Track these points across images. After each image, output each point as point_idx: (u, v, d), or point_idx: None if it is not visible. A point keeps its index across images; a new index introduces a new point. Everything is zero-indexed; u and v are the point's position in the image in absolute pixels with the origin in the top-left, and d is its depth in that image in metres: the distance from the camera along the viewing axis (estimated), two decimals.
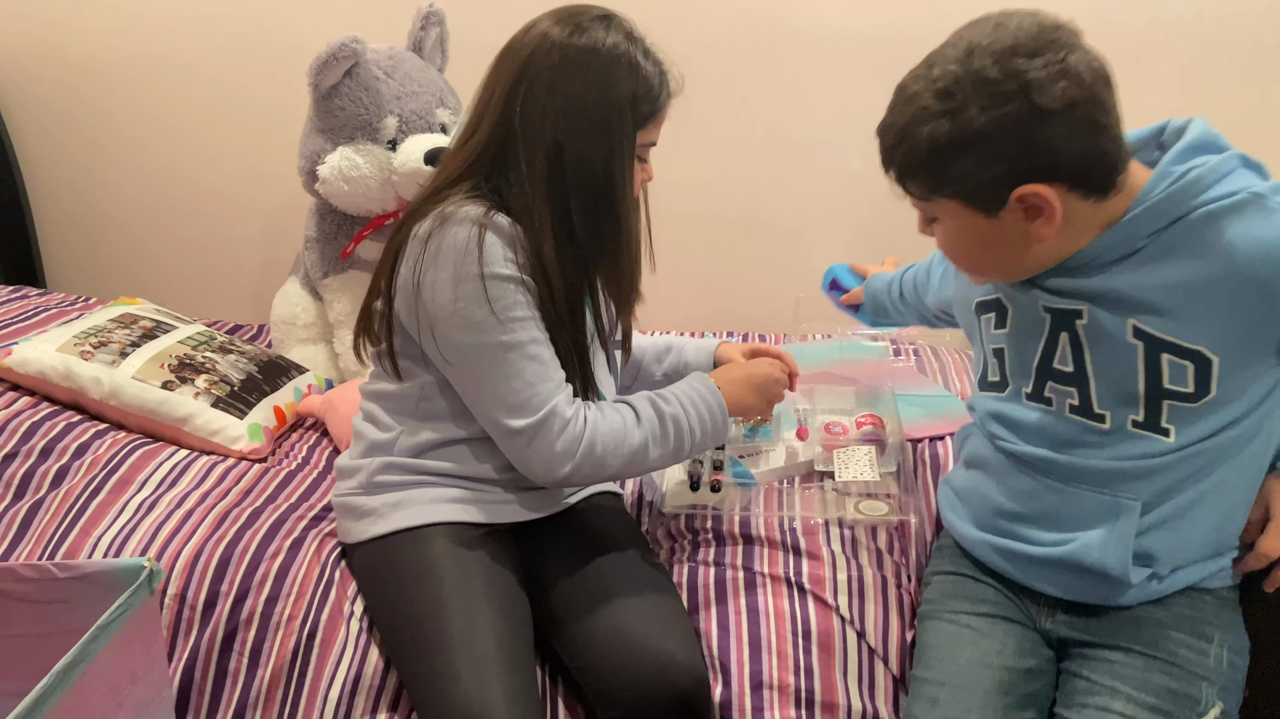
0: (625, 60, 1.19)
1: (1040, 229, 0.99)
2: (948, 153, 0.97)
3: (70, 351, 1.67)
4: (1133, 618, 1.10)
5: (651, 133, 1.25)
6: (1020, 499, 1.15)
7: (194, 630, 1.28)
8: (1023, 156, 0.96)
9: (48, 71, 2.48)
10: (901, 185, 1.06)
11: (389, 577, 1.25)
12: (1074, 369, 1.08)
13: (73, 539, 1.38)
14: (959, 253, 1.10)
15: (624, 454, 1.21)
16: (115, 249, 2.66)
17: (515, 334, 1.18)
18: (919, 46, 2.00)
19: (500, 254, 1.17)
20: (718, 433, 1.27)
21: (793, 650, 1.26)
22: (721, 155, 2.37)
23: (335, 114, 1.86)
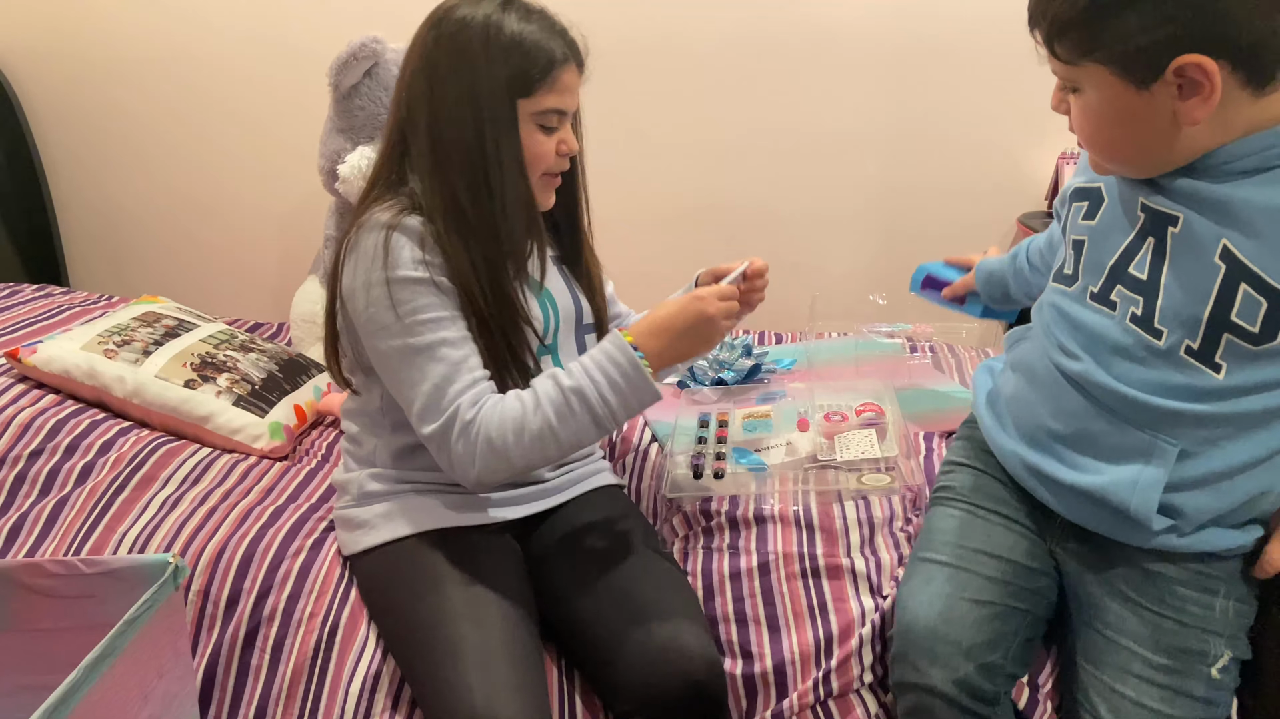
0: (494, 28, 1.18)
1: (1193, 109, 0.92)
2: (1113, 7, 0.91)
3: (94, 350, 1.69)
4: (1142, 571, 1.10)
5: (545, 99, 1.20)
6: (1064, 419, 1.12)
7: (217, 627, 1.30)
8: (1194, 21, 0.88)
9: (71, 72, 2.51)
10: (1048, 46, 0.98)
11: (387, 586, 1.26)
12: (1147, 277, 1.03)
13: (98, 535, 1.40)
14: (1095, 129, 1.01)
15: (527, 442, 1.15)
16: (137, 248, 2.69)
17: (421, 336, 1.17)
18: (936, 50, 2.02)
19: (407, 257, 1.17)
20: (639, 392, 1.16)
21: (811, 627, 1.26)
22: (737, 155, 2.38)
23: (355, 113, 1.88)
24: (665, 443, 1.61)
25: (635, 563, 1.27)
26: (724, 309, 1.18)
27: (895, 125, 2.32)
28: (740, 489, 1.41)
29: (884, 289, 2.31)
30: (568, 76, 1.22)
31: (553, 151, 1.23)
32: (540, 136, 1.22)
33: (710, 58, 2.29)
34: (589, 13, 2.25)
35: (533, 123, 1.21)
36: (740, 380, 1.80)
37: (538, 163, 1.23)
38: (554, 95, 1.21)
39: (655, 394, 1.17)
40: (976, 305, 1.58)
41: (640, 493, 1.54)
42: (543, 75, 1.19)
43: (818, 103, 2.31)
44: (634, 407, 1.17)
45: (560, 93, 1.21)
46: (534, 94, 1.20)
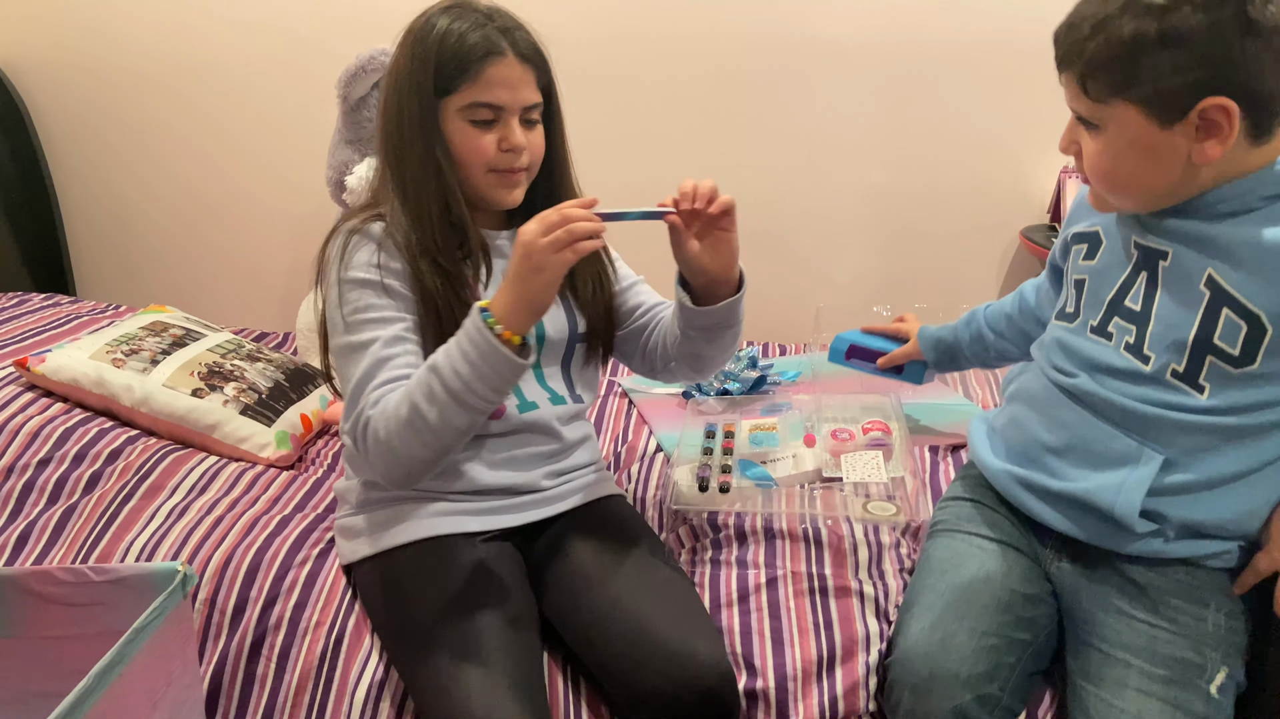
0: (424, 29, 1.20)
1: (1209, 150, 0.99)
2: (1149, 49, 0.96)
3: (102, 359, 1.70)
4: (1133, 583, 1.13)
5: (469, 93, 1.19)
6: (1057, 429, 1.18)
7: (223, 635, 1.30)
8: (1222, 67, 0.95)
9: (78, 82, 2.53)
10: (1080, 85, 1.03)
11: (385, 595, 1.27)
12: (1141, 308, 1.11)
13: (105, 544, 1.40)
14: (1112, 166, 1.06)
15: (399, 427, 1.12)
16: (144, 257, 2.70)
17: (358, 334, 1.19)
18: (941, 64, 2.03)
19: (363, 259, 1.20)
20: (489, 359, 1.09)
21: (815, 642, 1.26)
22: (742, 167, 2.39)
23: (363, 125, 1.89)
24: (671, 453, 1.62)
25: (644, 572, 1.26)
26: (537, 229, 1.08)
27: (900, 138, 2.33)
28: (747, 504, 1.41)
29: (888, 301, 2.32)
30: (497, 70, 1.19)
31: (491, 147, 1.21)
32: (472, 131, 1.20)
33: (715, 70, 2.31)
34: (596, 24, 2.27)
35: (462, 118, 1.20)
36: (745, 391, 1.81)
37: (473, 158, 1.22)
38: (479, 89, 1.19)
39: (505, 358, 1.09)
40: (918, 372, 1.62)
41: (646, 502, 1.54)
42: (463, 70, 1.18)
43: (823, 115, 2.32)
44: (489, 375, 1.10)
45: (487, 86, 1.19)
46: (458, 89, 1.19)
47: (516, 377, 1.12)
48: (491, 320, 1.09)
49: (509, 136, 1.21)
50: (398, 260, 1.21)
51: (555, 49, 1.27)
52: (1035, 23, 2.11)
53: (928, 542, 1.30)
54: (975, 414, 1.69)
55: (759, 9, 2.23)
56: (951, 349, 1.57)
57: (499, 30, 1.19)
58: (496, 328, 1.09)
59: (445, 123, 1.21)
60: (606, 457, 1.68)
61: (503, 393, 1.13)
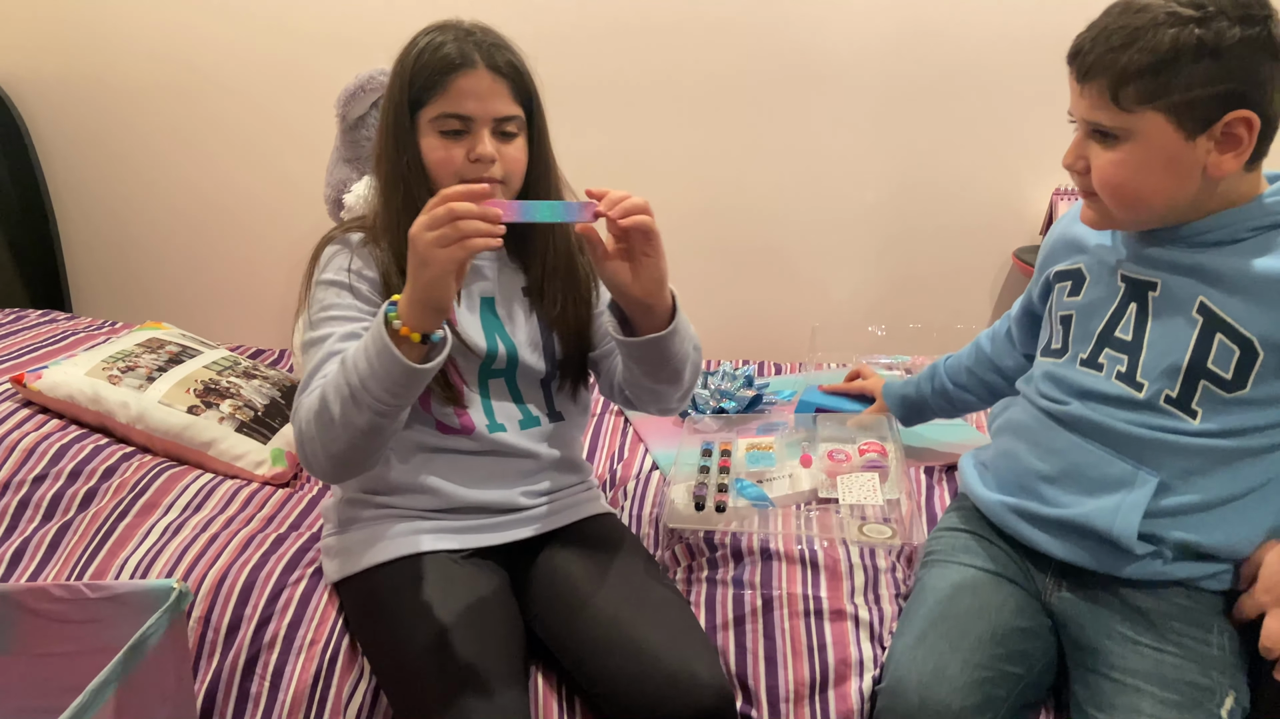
0: (409, 45, 1.23)
1: (1225, 163, 1.03)
2: (1186, 59, 0.99)
3: (99, 376, 1.70)
4: (1135, 609, 1.13)
5: (438, 104, 1.20)
6: (1050, 457, 1.19)
7: (217, 653, 1.30)
8: (1248, 82, 1.00)
9: (77, 98, 2.54)
10: (1111, 93, 1.04)
11: (366, 613, 1.27)
12: (1132, 338, 1.14)
13: (100, 561, 1.40)
14: (1130, 176, 1.07)
15: (312, 419, 1.12)
16: (141, 274, 2.70)
17: (320, 329, 1.21)
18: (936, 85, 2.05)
19: (338, 263, 1.24)
20: (381, 354, 1.05)
21: (809, 665, 1.26)
22: (739, 186, 2.40)
23: (361, 144, 1.90)
24: (667, 471, 1.62)
25: (639, 591, 1.26)
26: (423, 222, 1.02)
27: (895, 160, 2.34)
28: (743, 524, 1.42)
29: (883, 320, 2.33)
30: (466, 81, 1.20)
31: (459, 157, 1.21)
32: (439, 142, 1.21)
33: (714, 90, 2.32)
34: (598, 43, 2.29)
35: (433, 129, 1.22)
36: (741, 410, 1.81)
37: (441, 169, 1.22)
38: (447, 100, 1.20)
39: (395, 359, 1.04)
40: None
41: (642, 520, 1.54)
42: (434, 81, 1.20)
43: (818, 135, 2.34)
44: (381, 375, 1.06)
45: (454, 97, 1.20)
46: (430, 101, 1.20)
47: (411, 381, 1.07)
48: (393, 315, 1.06)
49: (477, 146, 1.21)
50: (371, 269, 1.24)
51: (554, 65, 1.29)
52: (1029, 46, 2.16)
53: (921, 570, 1.30)
54: (969, 434, 1.71)
55: (757, 30, 2.25)
56: (917, 404, 1.60)
57: (474, 44, 1.21)
58: (395, 323, 1.05)
59: (420, 135, 1.23)
60: (602, 474, 1.68)
61: (399, 396, 1.08)
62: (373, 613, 1.25)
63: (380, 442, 1.14)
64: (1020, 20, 2.16)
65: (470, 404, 1.30)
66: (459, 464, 1.30)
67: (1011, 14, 2.17)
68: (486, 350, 1.29)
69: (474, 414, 1.30)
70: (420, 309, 1.05)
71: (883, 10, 2.20)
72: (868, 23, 2.21)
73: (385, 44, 1.31)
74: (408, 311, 1.05)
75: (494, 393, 1.32)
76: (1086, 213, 1.17)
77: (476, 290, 1.31)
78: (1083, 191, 1.14)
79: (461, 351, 1.28)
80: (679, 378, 1.26)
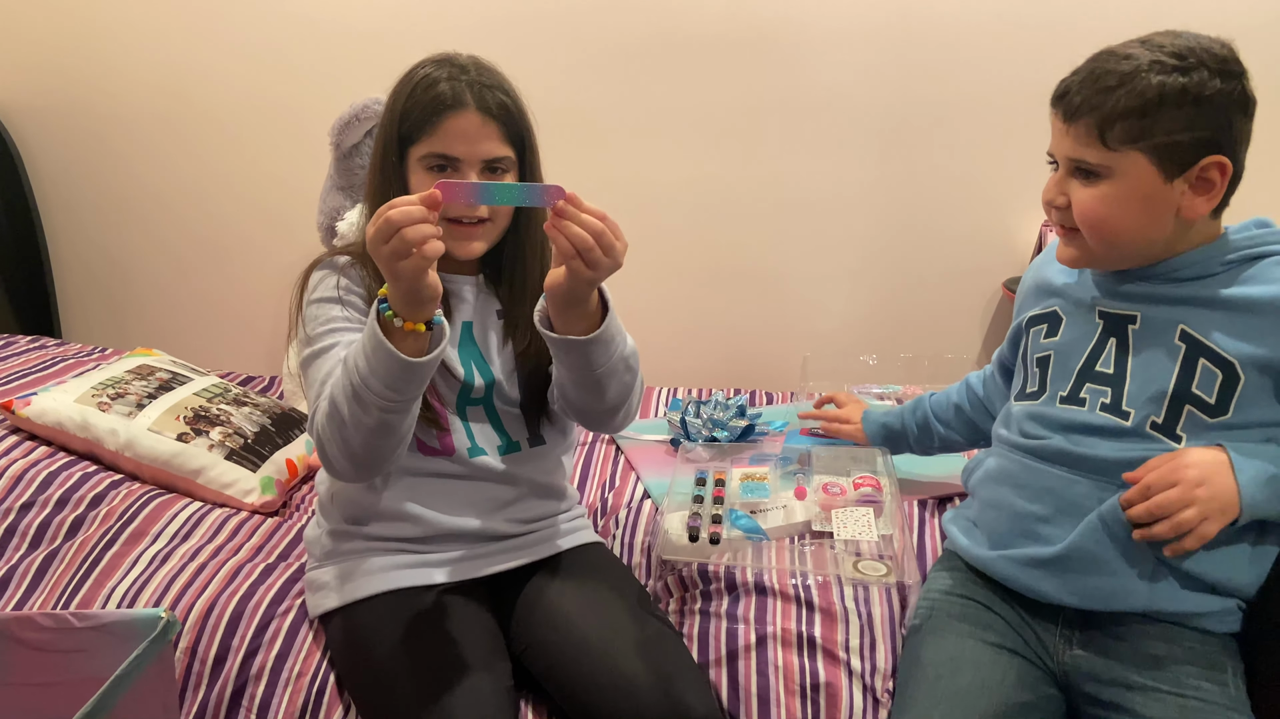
0: (405, 80, 1.24)
1: (1198, 205, 1.10)
2: (1172, 104, 1.06)
3: (88, 403, 1.69)
4: (1150, 657, 1.12)
5: (428, 143, 1.21)
6: (1041, 496, 1.19)
7: (204, 684, 1.28)
8: (1223, 131, 1.07)
9: (70, 125, 2.54)
10: (1099, 131, 1.09)
11: (348, 649, 1.26)
12: (1114, 370, 1.17)
13: (87, 590, 1.39)
14: (1109, 214, 1.12)
15: (325, 421, 1.13)
16: (131, 300, 2.70)
17: (321, 342, 1.22)
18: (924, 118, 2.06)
19: (328, 284, 1.25)
20: (375, 345, 1.06)
21: (801, 704, 1.25)
22: (730, 216, 2.41)
23: (355, 172, 1.91)
24: (660, 501, 1.61)
25: (630, 624, 1.25)
26: (374, 237, 1.01)
27: (885, 191, 2.36)
28: (737, 558, 1.41)
29: (874, 350, 2.34)
30: (455, 122, 1.20)
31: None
32: (427, 180, 1.21)
33: (705, 120, 2.34)
34: (590, 72, 2.30)
35: (422, 166, 1.22)
36: (734, 439, 1.81)
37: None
38: (435, 139, 1.21)
39: (386, 351, 1.05)
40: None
41: (633, 548, 1.53)
42: (423, 119, 1.20)
43: (811, 165, 2.35)
44: (378, 369, 1.07)
45: (443, 137, 1.20)
46: (420, 139, 1.21)
47: (409, 374, 1.07)
48: (386, 311, 1.06)
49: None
50: (359, 287, 1.26)
51: (546, 93, 1.29)
52: (1017, 81, 2.18)
53: (916, 637, 1.25)
54: (958, 464, 1.70)
55: (750, 61, 2.27)
56: (897, 436, 1.61)
57: (468, 84, 1.21)
58: (392, 319, 1.06)
59: (410, 170, 1.24)
60: (593, 503, 1.68)
61: (400, 391, 1.08)
62: (356, 649, 1.24)
63: (396, 439, 1.15)
64: (1009, 55, 2.19)
65: (452, 427, 1.30)
66: (441, 489, 1.30)
67: (1001, 49, 2.19)
68: (464, 380, 1.29)
69: (455, 437, 1.30)
70: (407, 305, 1.06)
71: (875, 42, 2.22)
72: (860, 55, 2.24)
73: (377, 73, 1.32)
74: (399, 308, 1.06)
75: (473, 418, 1.32)
76: (1064, 250, 1.21)
77: (457, 316, 1.31)
78: (1061, 228, 1.19)
79: (443, 375, 1.29)
80: (600, 390, 1.21)
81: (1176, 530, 1.05)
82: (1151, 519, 1.07)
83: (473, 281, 1.34)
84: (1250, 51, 1.11)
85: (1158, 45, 1.08)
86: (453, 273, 1.32)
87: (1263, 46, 1.16)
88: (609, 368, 1.19)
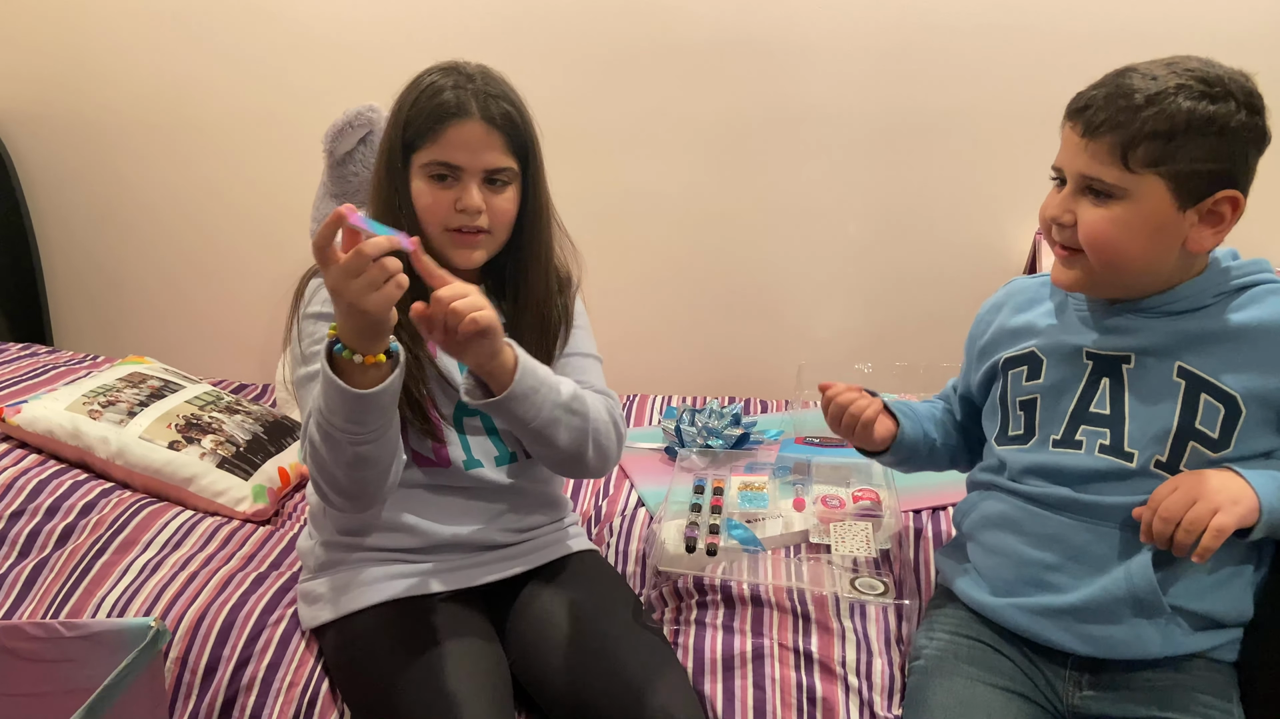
0: (411, 86, 1.23)
1: (1205, 238, 1.08)
2: (1198, 131, 1.03)
3: (79, 410, 1.68)
4: (1161, 688, 1.11)
5: (430, 151, 1.20)
6: (1049, 545, 1.16)
7: (194, 695, 1.27)
8: (1239, 166, 1.06)
9: (63, 132, 2.54)
10: (1120, 150, 1.05)
11: (344, 661, 1.25)
12: (1110, 411, 1.14)
13: (76, 599, 1.38)
14: (1119, 237, 1.08)
15: (311, 460, 1.13)
16: (123, 308, 2.69)
17: (311, 364, 1.19)
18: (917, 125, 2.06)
19: (322, 296, 1.22)
20: (329, 382, 1.04)
21: (797, 718, 1.25)
22: (725, 225, 2.41)
23: (349, 179, 1.90)
24: (655, 509, 1.61)
25: (620, 632, 1.25)
26: (339, 273, 0.98)
27: (880, 199, 2.36)
28: (733, 571, 1.40)
29: (869, 358, 2.34)
30: (459, 131, 1.20)
31: (447, 206, 1.21)
32: (428, 188, 1.21)
33: (699, 131, 2.34)
34: (583, 84, 2.31)
35: (424, 174, 1.22)
36: (728, 448, 1.81)
37: (430, 215, 1.22)
38: (438, 148, 1.20)
39: (337, 387, 1.03)
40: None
41: (627, 556, 1.53)
42: (427, 126, 1.20)
43: (805, 174, 2.35)
44: (335, 404, 1.05)
45: (446, 146, 1.20)
46: (423, 146, 1.21)
47: (366, 406, 1.05)
48: (340, 350, 1.04)
49: (464, 197, 1.21)
50: None
51: (540, 107, 1.29)
52: (1010, 91, 2.18)
53: (922, 679, 1.21)
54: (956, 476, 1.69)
55: (743, 72, 2.27)
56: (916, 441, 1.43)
57: (473, 94, 1.20)
58: (344, 354, 1.03)
59: (412, 178, 1.23)
60: (586, 511, 1.67)
61: (363, 424, 1.06)
62: (352, 660, 1.23)
63: (379, 469, 1.13)
64: (1001, 65, 2.19)
65: (448, 439, 1.29)
66: (436, 500, 1.29)
67: (993, 59, 2.20)
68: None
69: (451, 449, 1.29)
70: (369, 339, 1.03)
71: (869, 51, 2.23)
72: (854, 64, 2.24)
73: (371, 82, 1.32)
74: (357, 343, 1.03)
75: (469, 429, 1.31)
76: (1063, 272, 1.16)
77: None
78: (1062, 246, 1.14)
79: (441, 386, 1.28)
80: (549, 440, 1.21)
81: (1191, 529, 1.02)
82: (1167, 530, 1.04)
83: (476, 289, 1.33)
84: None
85: (1185, 70, 1.05)
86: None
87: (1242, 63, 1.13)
88: (545, 418, 1.18)
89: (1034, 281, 1.29)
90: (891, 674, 1.29)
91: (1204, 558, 1.02)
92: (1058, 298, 1.23)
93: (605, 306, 1.44)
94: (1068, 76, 1.16)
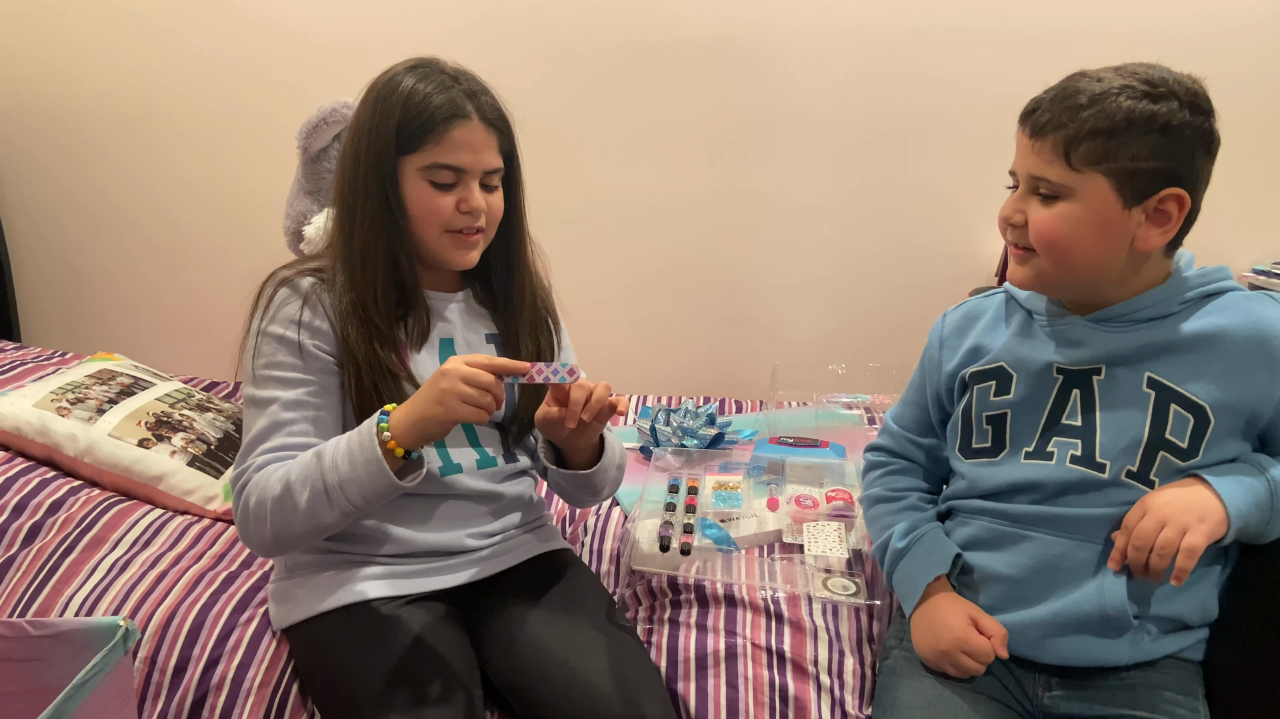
0: (388, 87, 1.21)
1: (1152, 237, 1.09)
2: (1139, 129, 1.05)
3: (47, 407, 1.66)
4: (1128, 686, 1.12)
5: (431, 154, 1.20)
6: (1017, 560, 1.17)
7: (163, 695, 1.26)
8: (1185, 165, 1.06)
9: (31, 126, 2.51)
10: (1064, 149, 1.08)
11: (314, 661, 1.24)
12: (1082, 423, 1.15)
13: (44, 598, 1.36)
14: (1065, 235, 1.10)
15: (270, 501, 1.12)
16: (92, 304, 2.66)
17: (263, 389, 1.19)
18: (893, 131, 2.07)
19: (285, 313, 1.21)
20: (367, 463, 1.09)
21: (770, 716, 1.25)
22: (700, 227, 2.42)
23: (323, 176, 1.89)
24: (629, 508, 1.61)
25: (593, 632, 1.25)
26: (464, 376, 1.07)
27: (855, 202, 2.38)
28: (706, 571, 1.41)
29: (843, 359, 2.35)
30: (461, 133, 1.20)
31: (449, 208, 1.21)
32: (430, 191, 1.21)
33: (676, 135, 2.35)
34: (560, 87, 2.31)
35: (422, 178, 1.21)
36: (703, 448, 1.81)
37: (430, 218, 1.22)
38: (441, 150, 1.20)
39: (380, 469, 1.08)
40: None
41: (602, 555, 1.53)
42: (426, 130, 1.19)
43: (782, 176, 2.37)
44: (363, 481, 1.09)
45: (450, 148, 1.20)
46: (420, 149, 1.19)
47: (391, 494, 1.11)
48: (385, 425, 1.09)
49: (468, 199, 1.21)
50: (322, 319, 1.21)
51: (520, 105, 1.28)
52: (989, 96, 2.21)
53: (891, 680, 1.22)
54: None
55: (721, 77, 2.28)
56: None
57: (465, 94, 1.20)
58: (385, 433, 1.09)
59: (404, 181, 1.21)
60: (561, 511, 1.67)
61: (372, 504, 1.11)
62: (321, 661, 1.22)
63: (333, 532, 1.17)
64: (981, 70, 2.22)
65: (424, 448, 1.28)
66: (410, 507, 1.28)
67: (973, 64, 2.22)
68: None
69: (427, 456, 1.28)
70: (416, 434, 1.09)
71: (849, 54, 2.24)
72: (834, 66, 2.26)
73: (344, 77, 1.30)
74: (402, 429, 1.09)
75: (450, 440, 1.30)
76: (1017, 271, 1.18)
77: (436, 333, 1.30)
78: (1016, 247, 1.16)
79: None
80: (597, 494, 1.35)
81: (1163, 553, 1.04)
82: (1141, 558, 1.06)
83: (458, 298, 1.33)
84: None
85: (1131, 72, 1.07)
86: (439, 289, 1.31)
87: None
88: (605, 478, 1.33)
89: (992, 301, 1.30)
90: (863, 673, 1.30)
91: (1181, 580, 1.04)
92: (1021, 315, 1.23)
93: (581, 307, 1.44)
94: (1043, 84, 1.17)
